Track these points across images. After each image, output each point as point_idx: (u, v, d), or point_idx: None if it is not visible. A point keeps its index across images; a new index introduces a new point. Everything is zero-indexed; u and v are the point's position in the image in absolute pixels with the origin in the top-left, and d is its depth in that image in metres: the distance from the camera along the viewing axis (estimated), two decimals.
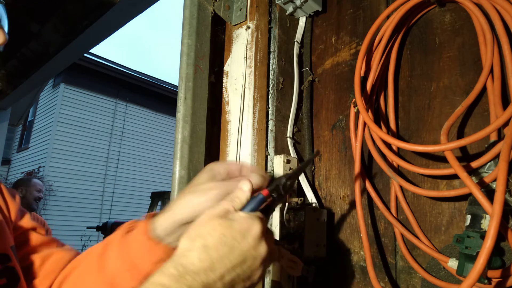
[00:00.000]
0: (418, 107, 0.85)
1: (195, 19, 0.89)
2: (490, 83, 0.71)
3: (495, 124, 0.62)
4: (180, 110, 0.84)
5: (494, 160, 0.66)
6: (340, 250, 0.91)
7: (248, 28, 0.96)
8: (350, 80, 0.97)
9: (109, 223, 4.35)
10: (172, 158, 0.85)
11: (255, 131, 0.90)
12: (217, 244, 0.48)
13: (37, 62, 2.88)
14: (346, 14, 1.02)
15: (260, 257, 0.50)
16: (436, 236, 0.77)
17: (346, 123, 0.96)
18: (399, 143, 0.73)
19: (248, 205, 0.54)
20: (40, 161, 9.51)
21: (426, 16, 0.87)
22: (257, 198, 0.54)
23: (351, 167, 0.93)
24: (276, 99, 0.96)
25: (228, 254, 0.48)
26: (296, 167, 0.59)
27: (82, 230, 8.32)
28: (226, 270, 0.48)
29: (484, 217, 0.64)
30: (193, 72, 0.87)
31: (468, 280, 0.53)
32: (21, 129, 11.00)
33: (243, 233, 0.50)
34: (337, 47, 1.02)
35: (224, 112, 0.96)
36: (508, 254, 0.64)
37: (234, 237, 0.49)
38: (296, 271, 0.78)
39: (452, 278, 0.71)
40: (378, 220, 0.87)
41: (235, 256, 0.49)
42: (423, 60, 0.86)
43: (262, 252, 0.51)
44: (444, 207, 0.77)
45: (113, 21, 2.27)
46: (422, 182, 0.81)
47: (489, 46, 0.70)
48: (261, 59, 0.95)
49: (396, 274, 0.82)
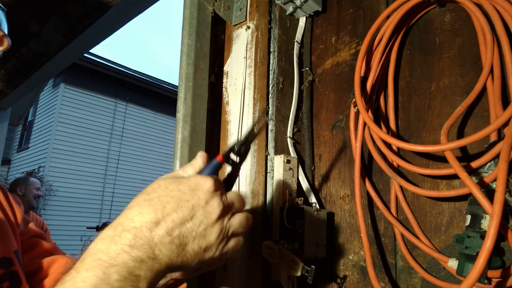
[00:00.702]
0: (418, 107, 0.85)
1: (195, 19, 0.89)
2: (490, 83, 0.71)
3: (495, 124, 0.62)
4: (180, 110, 0.84)
5: (494, 160, 0.66)
6: (340, 250, 0.91)
7: (248, 28, 0.96)
8: (350, 80, 0.97)
9: (109, 223, 4.35)
10: (172, 158, 0.85)
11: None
12: (161, 196, 0.43)
13: (37, 62, 2.88)
14: (346, 14, 1.02)
15: (214, 212, 0.45)
16: (436, 236, 0.77)
17: (346, 123, 0.96)
18: (399, 143, 0.73)
19: (202, 171, 0.52)
20: (40, 161, 9.51)
21: (426, 16, 0.87)
22: (211, 164, 0.53)
23: (351, 167, 0.93)
24: (276, 99, 0.96)
25: (175, 207, 0.43)
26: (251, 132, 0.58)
27: (82, 230, 8.33)
28: (173, 224, 0.42)
29: (484, 217, 0.64)
30: (193, 72, 0.87)
31: (468, 280, 0.53)
32: (21, 129, 11.00)
33: (192, 187, 0.45)
34: (337, 47, 1.02)
35: (224, 112, 0.96)
36: (508, 254, 0.64)
37: (181, 190, 0.44)
38: (296, 271, 0.78)
39: (452, 278, 0.71)
40: (378, 220, 0.87)
41: (182, 209, 0.43)
42: (423, 60, 0.86)
43: (215, 207, 0.45)
44: (444, 207, 0.77)
45: (113, 21, 2.27)
46: (422, 182, 0.81)
47: (489, 46, 0.70)
48: (261, 59, 0.95)
49: (396, 274, 0.82)
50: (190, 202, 0.44)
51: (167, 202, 0.43)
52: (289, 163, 0.89)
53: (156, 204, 0.43)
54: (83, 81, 9.82)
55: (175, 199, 0.44)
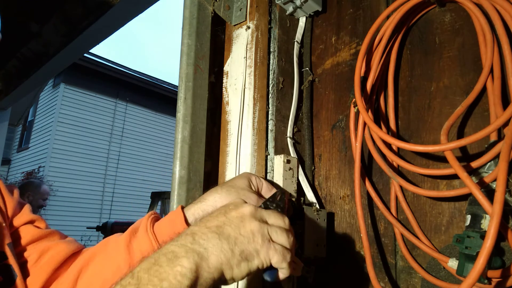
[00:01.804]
0: (418, 107, 0.85)
1: (195, 19, 0.89)
2: (490, 83, 0.71)
3: (495, 124, 0.62)
4: (180, 110, 0.84)
5: (494, 160, 0.66)
6: (340, 250, 0.91)
7: (248, 28, 0.96)
8: (350, 80, 0.97)
9: (109, 223, 4.34)
10: (172, 158, 0.85)
11: (255, 131, 0.90)
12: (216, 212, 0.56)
13: (37, 62, 2.88)
14: (346, 14, 1.02)
15: (246, 222, 0.53)
16: (436, 236, 0.77)
17: (346, 123, 0.96)
18: (399, 143, 0.73)
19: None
20: (40, 161, 9.51)
21: (426, 16, 0.87)
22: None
23: (351, 167, 0.93)
24: (276, 99, 0.96)
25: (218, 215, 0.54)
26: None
27: (82, 230, 8.31)
28: (215, 222, 0.52)
29: (484, 217, 0.64)
30: (193, 72, 0.87)
31: (468, 280, 0.53)
32: (21, 129, 11.00)
33: (235, 204, 0.56)
34: (337, 47, 1.02)
35: (224, 112, 0.96)
36: (508, 254, 0.64)
37: (226, 206, 0.56)
38: (296, 271, 0.78)
39: (452, 278, 0.71)
40: (378, 220, 0.87)
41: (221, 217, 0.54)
42: (423, 60, 0.86)
43: (246, 222, 0.53)
44: (444, 207, 0.77)
45: (113, 21, 2.27)
46: (422, 182, 0.81)
47: (489, 46, 0.70)
48: (261, 59, 0.95)
49: (396, 274, 0.82)
50: (227, 214, 0.56)
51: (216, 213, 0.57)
52: (289, 163, 0.89)
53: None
54: (83, 81, 9.82)
55: (222, 213, 0.57)
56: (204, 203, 0.68)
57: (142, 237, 0.65)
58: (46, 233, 0.71)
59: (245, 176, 0.73)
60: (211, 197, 0.68)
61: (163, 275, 0.43)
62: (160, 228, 0.66)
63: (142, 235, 0.65)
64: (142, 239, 0.65)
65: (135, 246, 0.65)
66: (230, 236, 0.50)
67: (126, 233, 0.67)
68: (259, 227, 0.53)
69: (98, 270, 0.66)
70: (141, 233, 0.65)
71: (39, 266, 0.66)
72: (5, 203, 0.69)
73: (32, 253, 0.67)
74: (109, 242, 0.69)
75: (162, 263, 0.45)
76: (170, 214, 0.68)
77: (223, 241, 0.49)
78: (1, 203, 0.68)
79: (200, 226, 0.51)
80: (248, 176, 0.73)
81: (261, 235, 0.52)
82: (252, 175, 0.74)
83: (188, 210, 0.68)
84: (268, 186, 0.75)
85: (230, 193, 0.67)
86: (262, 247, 0.51)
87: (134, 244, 0.65)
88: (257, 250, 0.51)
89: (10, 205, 0.69)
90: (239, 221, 0.52)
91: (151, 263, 0.45)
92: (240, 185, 0.70)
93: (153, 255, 0.47)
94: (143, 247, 0.63)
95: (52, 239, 0.71)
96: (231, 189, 0.69)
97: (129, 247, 0.64)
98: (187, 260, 0.45)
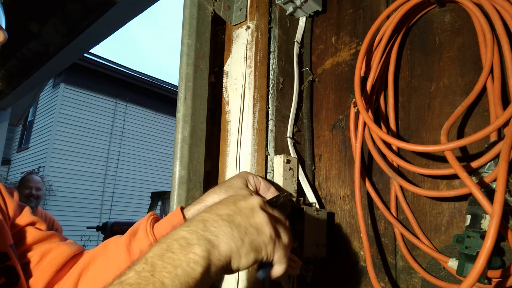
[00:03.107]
0: (418, 107, 0.85)
1: (195, 19, 0.89)
2: (490, 83, 0.71)
3: (495, 124, 0.62)
4: (180, 110, 0.84)
5: (494, 160, 0.66)
6: (340, 250, 0.91)
7: (248, 28, 0.96)
8: (350, 80, 0.97)
9: (109, 223, 4.35)
10: (172, 158, 0.85)
11: (255, 131, 0.90)
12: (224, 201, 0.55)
13: (37, 62, 2.88)
14: (346, 14, 1.02)
15: (255, 212, 0.54)
16: (436, 236, 0.77)
17: (346, 123, 0.96)
18: (399, 143, 0.73)
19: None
20: (40, 161, 9.50)
21: (426, 16, 0.87)
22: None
23: (351, 167, 0.93)
24: (276, 99, 0.96)
25: (227, 202, 0.54)
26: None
27: (82, 230, 8.31)
28: (226, 211, 0.52)
29: (484, 217, 0.64)
30: (193, 72, 0.87)
31: (468, 280, 0.53)
32: (21, 129, 11.00)
33: (243, 195, 0.56)
34: (337, 47, 1.02)
35: (224, 112, 0.96)
36: (508, 254, 0.64)
37: (235, 196, 0.56)
38: (295, 270, 0.78)
39: (452, 278, 0.71)
40: (378, 220, 0.87)
41: (230, 205, 0.54)
42: (423, 60, 0.86)
43: (256, 212, 0.54)
44: (444, 207, 0.77)
45: (113, 21, 2.27)
46: (422, 182, 0.81)
47: (489, 46, 0.70)
48: (261, 59, 0.95)
49: (396, 274, 0.82)
50: (237, 203, 0.56)
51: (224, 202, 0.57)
52: (289, 163, 0.89)
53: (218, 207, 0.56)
54: (83, 81, 9.81)
55: (230, 201, 0.57)
56: (203, 204, 0.68)
57: (142, 238, 0.65)
58: (47, 235, 0.71)
59: (243, 175, 0.73)
60: (210, 198, 0.69)
61: (176, 262, 0.43)
62: (160, 229, 0.66)
63: (142, 237, 0.65)
64: (142, 240, 0.65)
65: (135, 247, 0.65)
66: (241, 225, 0.50)
67: (126, 235, 0.67)
68: (268, 220, 0.53)
69: (98, 272, 0.66)
70: (141, 235, 0.66)
71: (41, 267, 0.66)
72: (6, 205, 0.69)
73: (34, 254, 0.67)
74: (109, 244, 0.69)
75: (175, 249, 0.45)
76: (169, 215, 0.69)
77: (234, 230, 0.49)
78: (2, 204, 0.68)
79: (211, 213, 0.51)
80: (245, 176, 0.73)
81: (269, 228, 0.53)
82: (249, 174, 0.74)
83: (188, 211, 0.69)
84: (266, 185, 0.75)
85: (228, 193, 0.68)
86: (269, 240, 0.52)
87: (134, 246, 0.65)
88: (265, 242, 0.52)
89: (11, 206, 0.70)
90: (249, 212, 0.53)
91: (164, 249, 0.45)
92: (238, 185, 0.70)
93: (164, 240, 0.47)
94: (143, 248, 0.63)
95: (53, 241, 0.71)
96: (229, 189, 0.69)
97: (129, 249, 0.65)
98: (200, 247, 0.45)
